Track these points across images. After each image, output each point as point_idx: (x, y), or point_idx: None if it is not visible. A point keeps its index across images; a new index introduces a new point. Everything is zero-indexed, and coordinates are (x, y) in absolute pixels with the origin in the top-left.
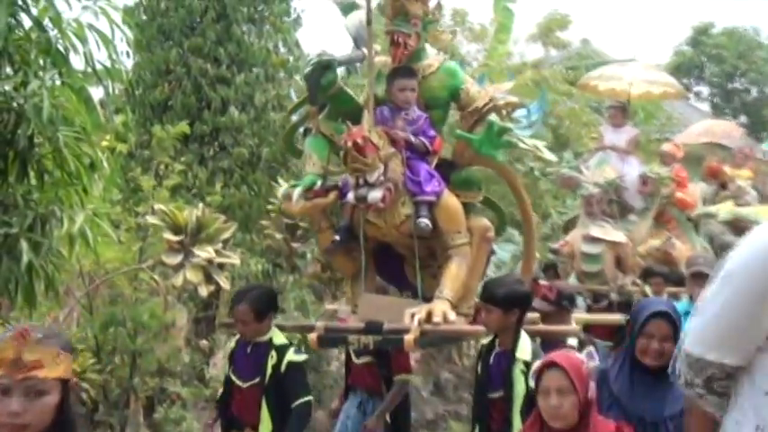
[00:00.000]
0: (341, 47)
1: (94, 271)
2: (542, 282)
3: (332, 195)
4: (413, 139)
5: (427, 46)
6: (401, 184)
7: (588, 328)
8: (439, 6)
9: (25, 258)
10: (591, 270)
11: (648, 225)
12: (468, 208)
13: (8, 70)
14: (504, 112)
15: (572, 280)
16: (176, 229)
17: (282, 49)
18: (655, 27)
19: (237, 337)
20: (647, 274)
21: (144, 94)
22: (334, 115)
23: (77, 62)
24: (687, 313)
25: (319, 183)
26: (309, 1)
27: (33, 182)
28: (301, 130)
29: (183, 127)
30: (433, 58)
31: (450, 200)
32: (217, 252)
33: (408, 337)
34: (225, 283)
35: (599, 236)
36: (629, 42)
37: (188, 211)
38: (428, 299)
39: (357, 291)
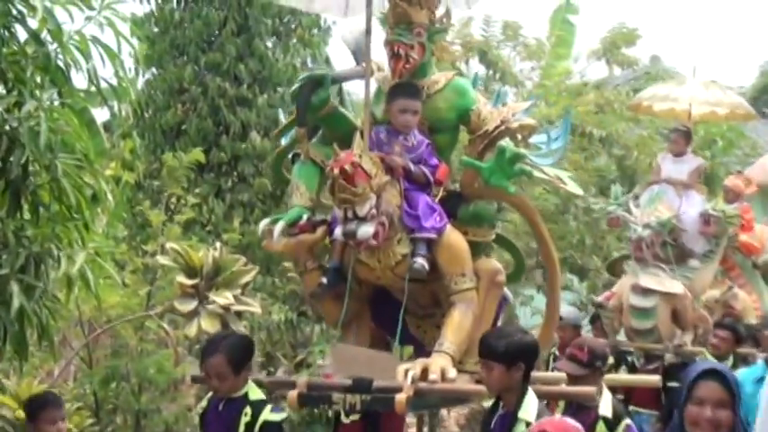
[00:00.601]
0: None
1: (95, 318)
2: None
3: (320, 231)
4: (412, 167)
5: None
6: (397, 218)
7: (629, 394)
8: (448, 15)
9: (16, 303)
10: (642, 327)
11: (713, 272)
12: (478, 248)
13: (0, 89)
14: (518, 136)
15: (621, 338)
16: (190, 272)
17: (311, 66)
18: (737, 44)
19: (210, 394)
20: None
21: (154, 116)
22: (326, 139)
23: (79, 80)
24: (761, 380)
25: (305, 216)
26: None
27: (27, 216)
28: (291, 156)
29: (198, 154)
30: (440, 74)
31: (454, 237)
32: (236, 298)
33: (400, 397)
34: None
35: (651, 286)
36: (706, 60)
37: (203, 250)
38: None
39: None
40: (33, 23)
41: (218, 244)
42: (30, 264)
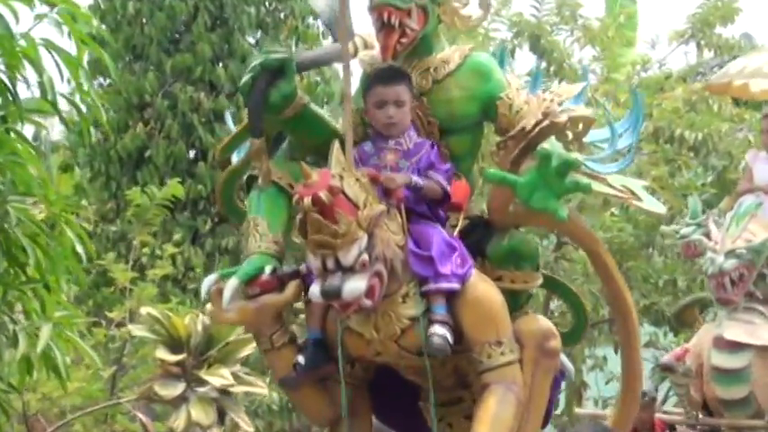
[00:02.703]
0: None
1: (44, 411)
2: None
3: (290, 289)
4: (419, 180)
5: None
6: (400, 264)
7: None
8: None
9: None
10: (731, 396)
11: None
12: (518, 300)
13: None
14: (568, 134)
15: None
16: (173, 345)
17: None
18: None
19: None
20: None
21: (105, 140)
22: (295, 153)
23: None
24: None
25: (269, 269)
26: None
27: None
28: (246, 179)
29: (176, 188)
30: (451, 49)
31: (483, 289)
32: (235, 377)
33: None
34: (247, 425)
35: (741, 339)
36: None
37: (190, 316)
38: None
39: None
40: None
41: (207, 307)
42: None
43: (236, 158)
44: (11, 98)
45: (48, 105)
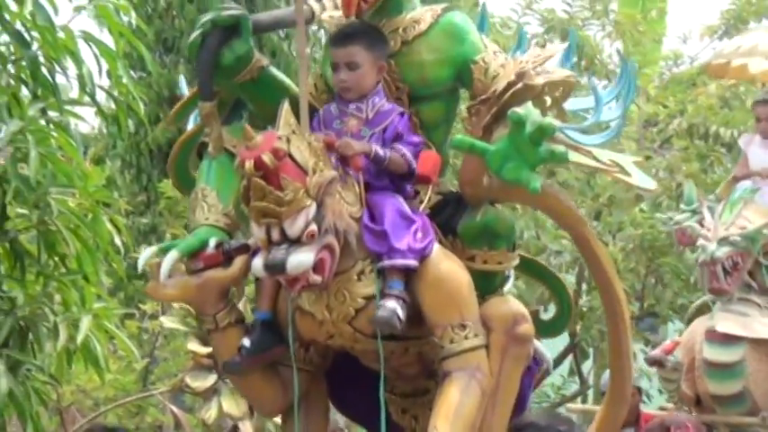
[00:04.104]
0: None
1: (79, 402)
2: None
3: (237, 264)
4: (380, 150)
5: None
6: (354, 237)
7: None
8: None
9: (3, 386)
10: (724, 391)
11: None
12: (492, 282)
13: None
14: (546, 98)
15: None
16: (204, 337)
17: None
18: None
19: None
20: None
21: (136, 133)
22: (255, 120)
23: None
24: None
25: (213, 242)
26: None
27: (9, 272)
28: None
29: None
30: (423, 8)
31: (445, 266)
32: None
33: None
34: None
35: (734, 331)
36: None
37: None
38: None
39: None
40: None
41: (244, 299)
42: (13, 334)
43: (191, 126)
44: (51, 90)
45: (86, 97)
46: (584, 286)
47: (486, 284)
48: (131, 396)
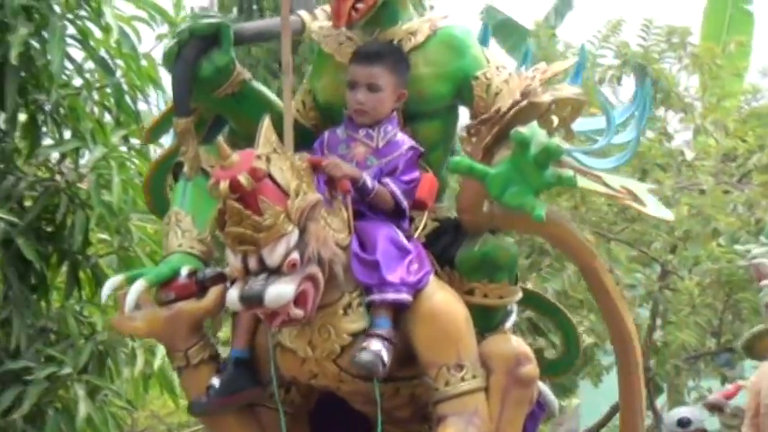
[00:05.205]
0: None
1: (152, 428)
2: None
3: (212, 296)
4: (368, 180)
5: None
6: (341, 267)
7: None
8: None
9: (82, 411)
10: None
11: None
12: (492, 318)
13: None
14: (553, 118)
15: None
16: None
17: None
18: None
19: None
20: None
21: None
22: (237, 139)
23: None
24: None
25: (185, 271)
26: None
27: (89, 298)
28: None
29: None
30: (420, 20)
31: (439, 300)
32: None
33: None
34: None
35: None
36: None
37: None
38: None
39: None
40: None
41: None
42: (92, 359)
43: (168, 144)
44: (133, 117)
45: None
46: (658, 321)
47: (486, 320)
48: (202, 422)
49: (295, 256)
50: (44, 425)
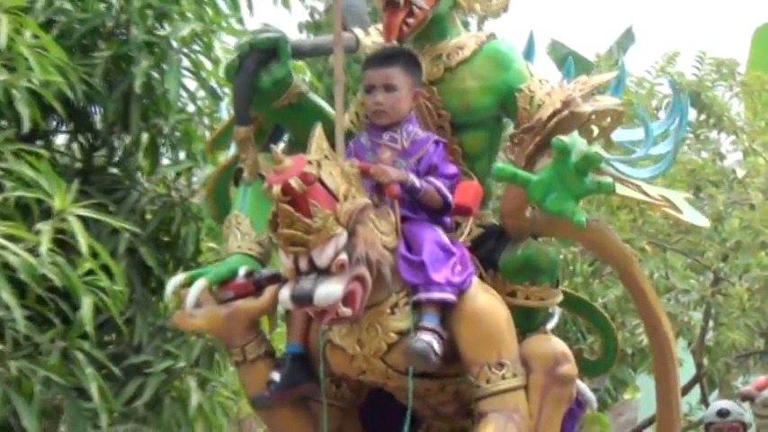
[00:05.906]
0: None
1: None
2: None
3: (267, 295)
4: (416, 181)
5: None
6: (389, 269)
7: None
8: None
9: (194, 401)
10: None
11: None
12: (533, 320)
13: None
14: (593, 128)
15: None
16: None
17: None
18: None
19: None
20: None
21: None
22: (295, 148)
23: None
24: None
25: (243, 271)
26: None
27: None
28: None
29: None
30: (467, 35)
31: (483, 302)
32: None
33: None
34: None
35: None
36: None
37: None
38: None
39: None
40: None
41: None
42: (203, 354)
43: (232, 153)
44: None
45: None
46: (710, 323)
47: (528, 321)
48: None
49: (343, 257)
50: (161, 412)
